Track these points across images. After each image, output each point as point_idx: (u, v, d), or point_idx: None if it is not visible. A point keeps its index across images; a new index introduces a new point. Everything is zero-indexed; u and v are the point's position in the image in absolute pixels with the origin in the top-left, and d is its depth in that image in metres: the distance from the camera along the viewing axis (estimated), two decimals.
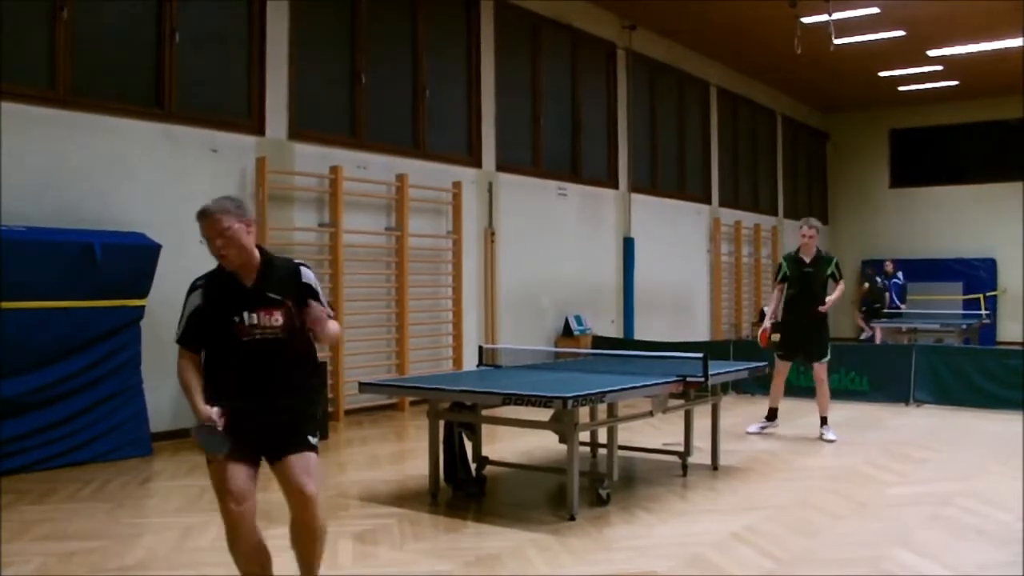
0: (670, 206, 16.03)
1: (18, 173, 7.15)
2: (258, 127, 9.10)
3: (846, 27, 14.03)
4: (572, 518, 5.45)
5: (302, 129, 9.49)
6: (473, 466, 6.30)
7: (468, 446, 6.27)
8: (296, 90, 9.43)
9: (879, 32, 14.81)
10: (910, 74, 18.16)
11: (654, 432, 8.16)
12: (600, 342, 12.49)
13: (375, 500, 6.02)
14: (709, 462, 7.02)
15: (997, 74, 17.73)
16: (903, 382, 10.44)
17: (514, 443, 7.88)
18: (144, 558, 4.79)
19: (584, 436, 7.03)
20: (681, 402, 6.63)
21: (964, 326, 15.53)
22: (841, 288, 8.71)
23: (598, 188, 14.09)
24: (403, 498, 6.06)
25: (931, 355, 10.56)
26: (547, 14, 12.97)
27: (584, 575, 4.52)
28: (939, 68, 17.60)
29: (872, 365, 10.67)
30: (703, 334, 16.54)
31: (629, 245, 14.60)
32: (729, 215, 17.99)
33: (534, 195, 12.67)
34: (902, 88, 19.39)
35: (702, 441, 7.18)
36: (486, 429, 7.07)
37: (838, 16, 13.21)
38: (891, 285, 18.02)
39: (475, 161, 11.71)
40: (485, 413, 6.24)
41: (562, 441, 5.86)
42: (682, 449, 6.85)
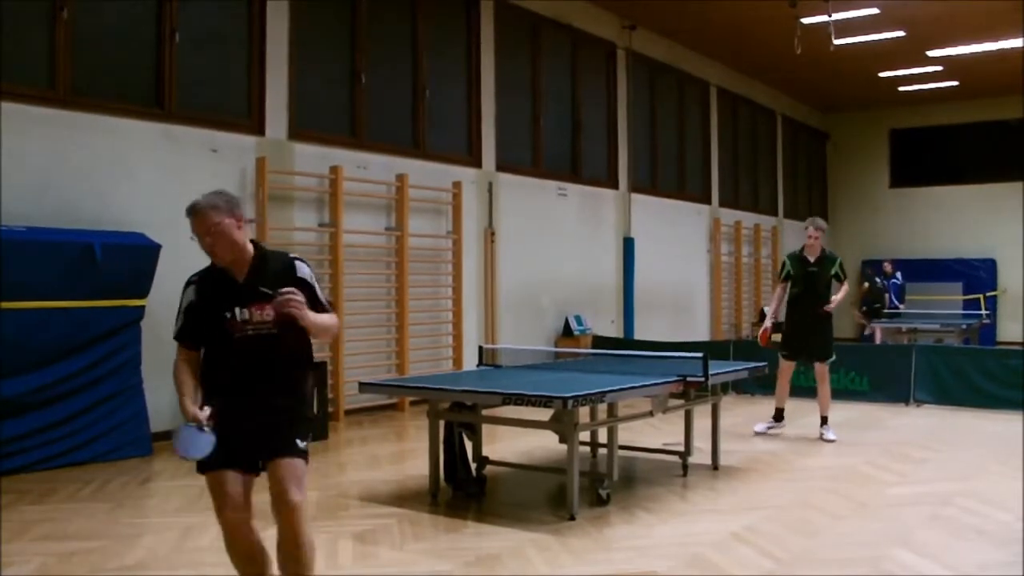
0: (670, 206, 16.03)
1: (18, 173, 7.15)
2: (258, 127, 9.11)
3: (846, 27, 14.03)
4: (572, 518, 5.45)
5: (302, 129, 9.49)
6: (473, 466, 6.30)
7: (468, 446, 6.28)
8: (296, 90, 9.43)
9: (879, 32, 14.81)
10: (910, 74, 18.16)
11: (654, 432, 8.16)
12: (600, 342, 12.48)
13: (375, 500, 6.02)
14: (709, 462, 7.03)
15: (997, 74, 17.73)
16: (903, 382, 10.44)
17: (514, 443, 7.88)
18: (144, 558, 4.79)
19: (584, 436, 7.03)
20: (681, 402, 6.63)
21: (964, 326, 15.52)
22: (845, 288, 8.70)
23: (598, 188, 14.09)
24: (403, 498, 6.06)
25: (931, 355, 10.56)
26: (547, 14, 12.96)
27: (584, 575, 4.52)
28: (939, 68, 17.60)
29: (872, 365, 10.67)
30: (703, 334, 16.54)
31: (629, 245, 14.60)
32: (729, 215, 17.99)
33: (534, 195, 12.67)
34: (902, 88, 19.38)
35: (702, 441, 7.18)
36: (486, 429, 7.07)
37: (838, 16, 13.21)
38: (890, 285, 18.02)
39: (475, 161, 11.71)
40: (485, 413, 6.24)
41: (562, 441, 5.86)
42: (682, 449, 6.85)
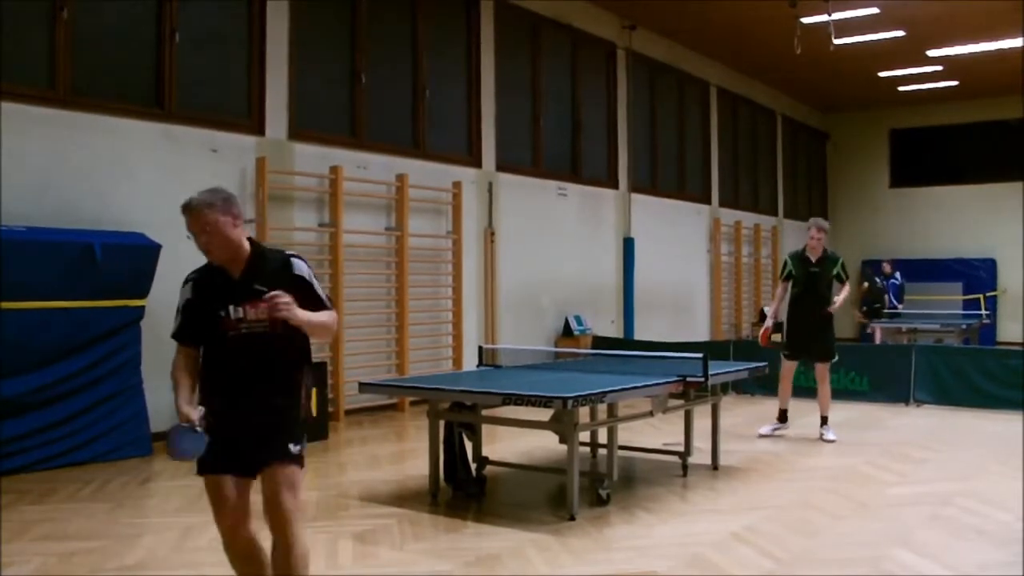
0: (670, 206, 16.03)
1: (18, 173, 7.15)
2: (258, 127, 9.11)
3: (846, 27, 14.03)
4: (572, 518, 5.45)
5: (302, 129, 9.49)
6: (473, 466, 6.30)
7: (468, 446, 6.28)
8: (296, 90, 9.43)
9: (879, 32, 14.81)
10: (910, 74, 18.16)
11: (654, 432, 8.16)
12: (600, 342, 12.48)
13: (375, 500, 6.02)
14: (709, 462, 7.03)
15: (997, 74, 17.73)
16: (903, 382, 10.44)
17: (514, 443, 7.88)
18: (144, 558, 4.79)
19: (584, 436, 7.02)
20: (681, 402, 6.63)
21: (964, 326, 15.52)
22: (847, 289, 8.67)
23: (598, 188, 14.09)
24: (403, 498, 6.06)
25: (931, 355, 10.56)
26: (547, 14, 12.96)
27: (584, 575, 4.52)
28: (939, 68, 17.60)
29: (872, 365, 10.66)
30: (703, 334, 16.54)
31: (629, 245, 14.60)
32: (729, 215, 17.98)
33: (534, 195, 12.67)
34: (902, 88, 19.38)
35: (702, 441, 7.18)
36: (486, 429, 7.07)
37: (838, 16, 13.21)
38: (889, 285, 18.01)
39: (475, 161, 11.71)
40: (485, 413, 6.24)
41: (562, 441, 5.86)
42: (682, 449, 6.85)
